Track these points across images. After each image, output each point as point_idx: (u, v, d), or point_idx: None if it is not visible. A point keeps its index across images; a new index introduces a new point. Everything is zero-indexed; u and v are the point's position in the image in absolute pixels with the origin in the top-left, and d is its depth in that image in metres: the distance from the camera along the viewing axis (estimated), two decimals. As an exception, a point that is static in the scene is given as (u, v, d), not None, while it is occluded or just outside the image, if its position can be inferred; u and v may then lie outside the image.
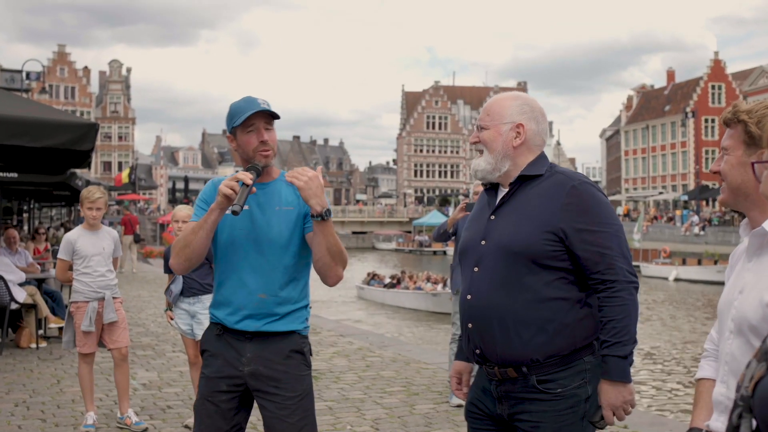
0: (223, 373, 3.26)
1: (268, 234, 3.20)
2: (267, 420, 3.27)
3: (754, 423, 1.36)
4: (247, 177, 3.07)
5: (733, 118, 2.22)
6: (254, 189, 3.16)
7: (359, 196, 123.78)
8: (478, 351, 2.86)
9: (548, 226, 2.74)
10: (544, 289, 2.74)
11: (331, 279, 3.22)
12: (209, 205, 3.24)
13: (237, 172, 3.22)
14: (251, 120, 3.21)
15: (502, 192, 2.91)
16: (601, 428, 2.77)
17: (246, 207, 3.14)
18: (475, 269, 2.86)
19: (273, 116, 3.27)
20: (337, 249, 3.14)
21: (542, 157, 2.92)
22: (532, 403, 2.77)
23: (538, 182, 2.83)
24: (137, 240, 27.28)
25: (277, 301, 3.22)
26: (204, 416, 3.30)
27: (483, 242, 2.86)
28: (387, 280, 29.26)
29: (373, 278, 30.28)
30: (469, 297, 2.86)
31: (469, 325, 2.86)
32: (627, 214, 65.56)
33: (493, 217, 2.87)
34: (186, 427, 6.22)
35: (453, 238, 7.39)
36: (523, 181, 2.85)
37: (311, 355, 3.39)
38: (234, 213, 3.02)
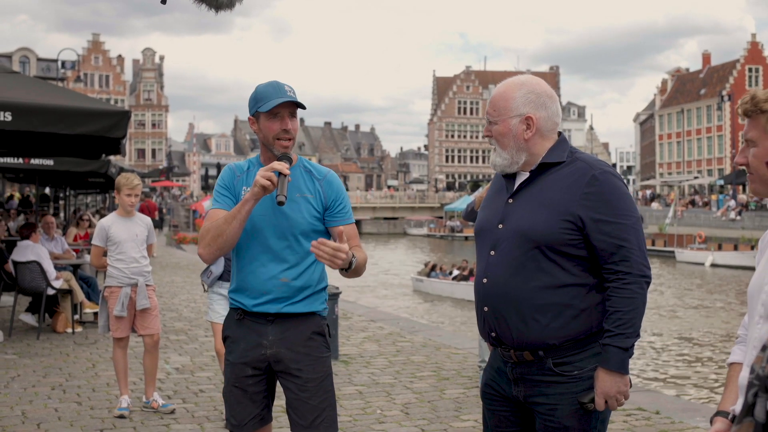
0: (247, 357, 3.30)
1: (290, 220, 3.25)
2: (290, 401, 3.32)
3: None
4: (284, 167, 3.11)
5: (755, 109, 2.17)
6: (290, 178, 3.18)
7: (390, 182, 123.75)
8: (493, 334, 2.87)
9: (567, 214, 2.73)
10: (561, 275, 2.75)
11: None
12: (230, 191, 3.31)
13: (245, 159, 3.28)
14: (277, 108, 3.24)
15: (521, 176, 2.89)
16: (589, 410, 2.76)
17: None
18: (492, 253, 2.86)
19: (299, 106, 3.30)
20: (362, 269, 3.26)
21: (562, 141, 2.89)
22: (549, 386, 2.78)
23: (559, 168, 2.81)
24: (157, 226, 27.88)
25: (297, 286, 3.27)
26: (234, 403, 3.34)
27: (500, 226, 2.85)
28: (455, 272, 27.26)
29: (432, 269, 28.46)
30: (485, 281, 2.87)
31: (485, 309, 2.88)
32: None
33: (511, 201, 2.87)
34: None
35: None
36: (543, 167, 2.84)
37: (330, 336, 3.44)
38: (280, 203, 3.08)
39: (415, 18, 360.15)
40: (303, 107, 3.31)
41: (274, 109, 3.23)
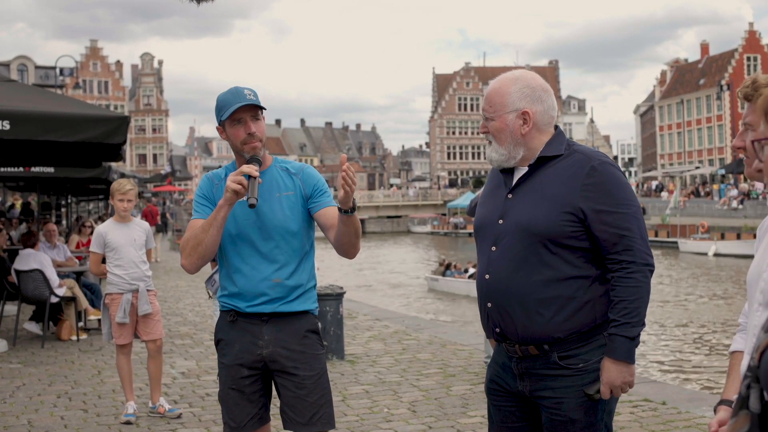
0: (243, 358, 3.32)
1: (274, 221, 3.27)
2: (287, 399, 3.33)
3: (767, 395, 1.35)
4: (253, 169, 3.14)
5: (756, 93, 2.16)
6: (260, 180, 3.19)
7: (393, 180, 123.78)
8: (497, 330, 2.87)
9: (568, 206, 2.73)
10: (563, 268, 2.75)
11: (353, 254, 3.32)
12: (209, 200, 3.34)
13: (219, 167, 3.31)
14: (238, 113, 3.25)
15: (519, 170, 2.88)
16: (595, 401, 2.77)
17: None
18: (493, 248, 2.85)
19: (258, 106, 3.30)
20: (359, 230, 3.23)
21: (559, 134, 2.89)
22: (555, 380, 2.78)
23: (557, 161, 2.81)
24: (159, 230, 28.19)
25: (291, 285, 3.30)
26: (231, 405, 3.35)
27: (500, 221, 2.85)
28: (470, 270, 25.98)
29: (447, 268, 27.68)
30: (487, 276, 2.86)
31: (489, 305, 2.87)
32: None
33: (510, 196, 2.86)
34: None
35: None
36: (542, 161, 2.84)
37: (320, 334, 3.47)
38: (252, 206, 3.11)
39: (414, 16, 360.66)
40: (263, 109, 3.31)
41: (235, 115, 3.24)
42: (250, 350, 3.31)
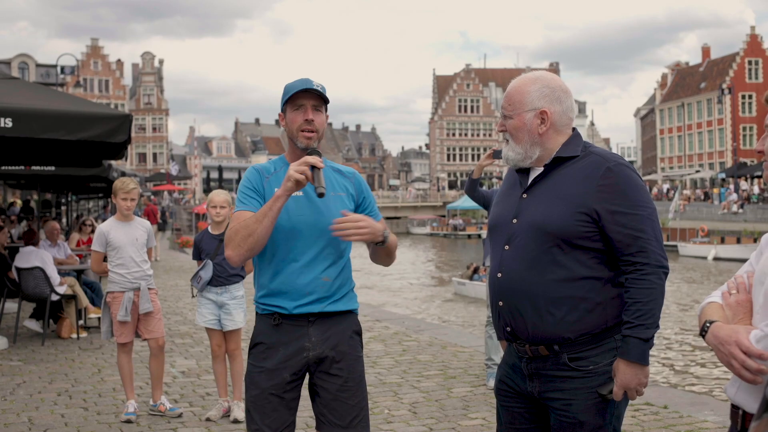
0: (288, 362, 3.21)
1: (329, 219, 3.17)
2: (326, 401, 3.24)
3: None
4: (318, 160, 3.08)
5: None
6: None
7: (392, 182, 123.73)
8: (508, 329, 2.87)
9: (583, 207, 2.73)
10: (576, 268, 2.74)
11: (388, 265, 3.41)
12: (258, 193, 3.24)
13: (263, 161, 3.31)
14: (301, 99, 3.21)
15: (535, 171, 2.89)
16: (607, 402, 2.77)
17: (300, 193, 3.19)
18: (506, 247, 2.85)
19: (323, 99, 3.26)
20: (394, 249, 3.29)
21: (575, 136, 2.89)
22: (564, 381, 2.78)
23: (573, 163, 2.81)
24: (160, 229, 28.31)
25: (338, 283, 3.25)
26: (269, 410, 3.21)
27: (514, 220, 2.85)
28: None
29: (475, 272, 26.53)
30: (499, 275, 2.86)
31: (500, 303, 2.87)
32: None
33: (525, 196, 2.87)
34: (208, 419, 6.18)
35: (483, 194, 6.99)
36: (557, 162, 2.84)
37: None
38: (321, 195, 3.04)
39: (416, 17, 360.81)
40: (326, 101, 3.27)
41: (297, 99, 3.21)
42: (297, 354, 3.20)
